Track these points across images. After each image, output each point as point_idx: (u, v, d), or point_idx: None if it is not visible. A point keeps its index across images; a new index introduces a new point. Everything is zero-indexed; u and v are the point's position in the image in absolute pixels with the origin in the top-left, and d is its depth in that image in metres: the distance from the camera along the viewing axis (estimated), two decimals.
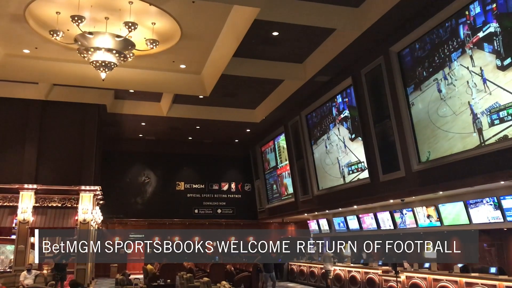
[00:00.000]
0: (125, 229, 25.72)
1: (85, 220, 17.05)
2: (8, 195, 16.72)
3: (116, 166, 25.50)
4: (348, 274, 15.71)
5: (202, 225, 27.05)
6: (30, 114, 17.54)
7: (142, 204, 26.21)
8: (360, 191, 16.17)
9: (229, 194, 28.14)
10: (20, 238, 16.19)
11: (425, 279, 11.91)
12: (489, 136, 10.60)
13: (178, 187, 27.12)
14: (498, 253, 12.88)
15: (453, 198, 13.22)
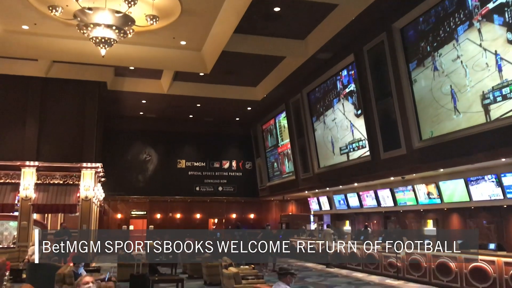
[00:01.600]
0: (127, 207, 25.91)
1: (87, 197, 17.14)
2: (10, 172, 16.78)
3: (117, 144, 25.53)
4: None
5: (203, 203, 27.22)
6: (31, 91, 17.48)
7: (144, 181, 26.33)
8: (361, 168, 16.20)
9: (230, 172, 28.23)
10: (23, 214, 16.32)
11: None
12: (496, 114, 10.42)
13: (179, 165, 27.19)
14: (497, 230, 12.97)
15: (453, 176, 13.27)
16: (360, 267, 15.02)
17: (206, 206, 27.33)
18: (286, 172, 23.68)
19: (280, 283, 5.93)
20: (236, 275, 8.47)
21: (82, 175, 17.26)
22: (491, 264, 9.95)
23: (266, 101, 22.43)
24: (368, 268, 14.53)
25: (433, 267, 11.60)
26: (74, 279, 7.50)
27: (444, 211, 14.75)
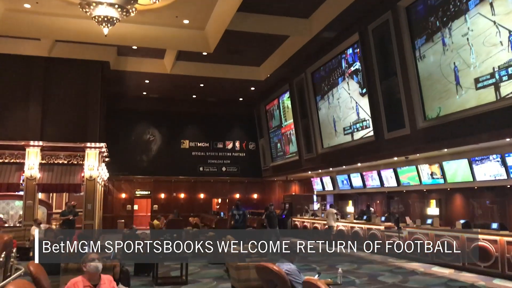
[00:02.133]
0: (131, 186, 26.06)
1: (91, 176, 17.24)
2: (14, 152, 16.87)
3: (121, 124, 25.55)
4: (351, 230, 15.95)
5: (207, 183, 27.35)
6: (34, 71, 17.43)
7: (148, 161, 26.43)
8: (365, 148, 16.19)
9: (234, 153, 28.27)
10: (28, 194, 16.45)
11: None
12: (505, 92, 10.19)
13: (183, 145, 27.24)
14: (500, 209, 13.01)
15: (457, 156, 13.25)
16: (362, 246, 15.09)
17: (210, 186, 27.47)
18: (290, 153, 23.69)
19: (284, 261, 6.00)
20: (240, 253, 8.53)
21: (86, 155, 17.33)
22: (493, 243, 10.00)
23: (270, 81, 22.32)
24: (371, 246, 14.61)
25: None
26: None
27: (447, 191, 14.78)
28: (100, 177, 18.32)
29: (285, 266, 5.81)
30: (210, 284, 9.16)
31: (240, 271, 8.17)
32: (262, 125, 27.16)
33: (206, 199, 27.49)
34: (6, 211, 17.96)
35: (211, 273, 10.59)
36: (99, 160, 17.86)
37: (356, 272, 10.67)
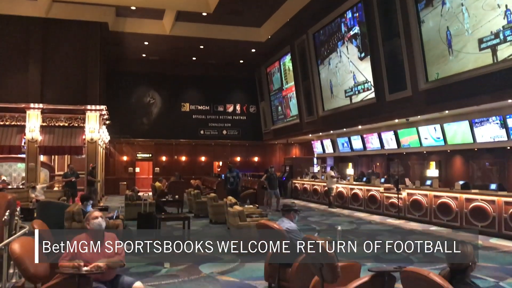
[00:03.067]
0: (133, 149, 26.17)
1: (93, 139, 17.28)
2: (15, 115, 16.85)
3: (121, 87, 25.41)
4: (351, 191, 16.12)
5: (208, 146, 27.43)
6: (32, 33, 17.17)
7: (148, 124, 26.43)
8: (366, 111, 16.15)
9: (234, 116, 28.23)
10: (30, 156, 16.54)
11: (426, 196, 12.21)
12: (503, 55, 10.31)
13: (183, 108, 27.17)
14: (499, 171, 13.10)
15: (458, 117, 13.23)
16: (362, 207, 15.32)
17: (211, 149, 27.56)
18: (290, 116, 23.65)
19: (284, 219, 6.09)
20: (241, 213, 8.65)
21: (86, 117, 17.32)
22: (491, 203, 10.12)
23: (271, 43, 22.01)
24: (370, 208, 14.82)
25: (434, 207, 11.82)
26: (83, 217, 7.70)
27: (447, 153, 14.83)
28: (101, 140, 18.37)
29: (286, 225, 5.90)
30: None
31: (242, 230, 8.31)
32: (263, 87, 27.00)
33: (207, 162, 27.65)
34: (9, 173, 18.14)
35: (212, 232, 10.78)
36: (100, 122, 17.86)
37: (355, 232, 10.85)
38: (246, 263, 7.40)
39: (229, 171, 14.79)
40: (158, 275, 6.59)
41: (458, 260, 2.97)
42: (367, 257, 7.63)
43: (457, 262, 2.96)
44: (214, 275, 6.61)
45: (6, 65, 16.94)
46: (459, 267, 2.97)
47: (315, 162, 24.05)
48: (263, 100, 27.27)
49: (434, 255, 8.01)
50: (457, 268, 2.97)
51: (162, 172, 25.48)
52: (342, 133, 19.86)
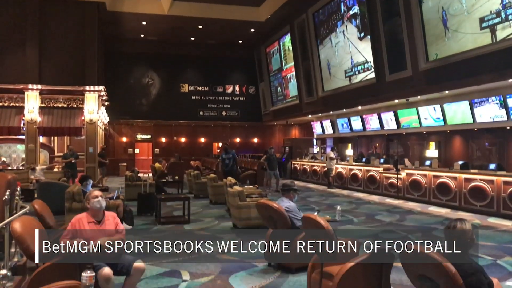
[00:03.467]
0: (132, 130, 26.14)
1: (92, 120, 17.25)
2: (13, 96, 16.79)
3: (119, 68, 25.25)
4: (350, 172, 16.16)
5: (207, 127, 27.40)
6: (28, 13, 16.97)
7: (147, 105, 26.35)
8: (366, 91, 16.09)
9: (234, 97, 28.12)
10: (29, 137, 16.53)
11: (425, 176, 12.24)
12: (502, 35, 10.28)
13: (182, 89, 27.05)
14: (499, 151, 13.12)
15: (458, 98, 13.20)
16: (361, 188, 15.38)
17: (210, 130, 27.54)
18: (290, 96, 23.57)
19: (284, 199, 6.12)
20: (241, 193, 8.68)
21: (85, 98, 17.26)
22: (490, 183, 10.15)
23: (270, 22, 21.81)
24: (369, 188, 14.88)
25: (433, 187, 11.86)
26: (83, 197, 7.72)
27: (447, 133, 14.84)
28: (100, 121, 18.34)
29: (285, 204, 5.93)
30: (212, 223, 9.38)
31: (241, 209, 8.36)
32: (262, 68, 26.84)
33: (207, 143, 27.65)
34: (8, 154, 18.15)
35: (212, 212, 10.83)
36: (99, 103, 17.81)
37: (354, 212, 10.91)
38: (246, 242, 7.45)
39: (225, 152, 14.62)
40: (158, 253, 6.62)
41: (456, 237, 2.98)
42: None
43: (455, 239, 2.98)
44: (214, 254, 6.64)
45: (3, 45, 16.79)
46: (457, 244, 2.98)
47: (314, 143, 24.08)
48: (262, 81, 27.14)
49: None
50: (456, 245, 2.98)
51: (162, 153, 25.51)
52: (341, 113, 19.82)
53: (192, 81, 27.24)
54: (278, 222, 5.75)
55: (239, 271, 5.73)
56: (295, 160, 21.75)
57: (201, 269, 5.81)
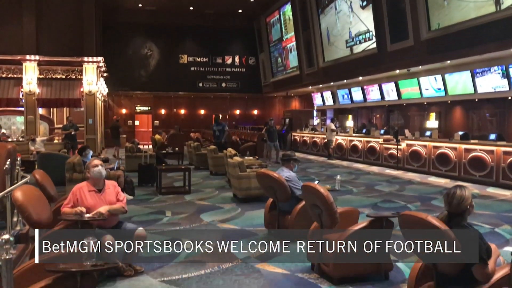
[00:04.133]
0: (131, 102, 26.03)
1: (91, 91, 17.14)
2: (11, 67, 16.63)
3: (117, 38, 24.97)
4: (350, 143, 16.16)
5: (207, 99, 27.29)
6: None
7: (146, 77, 26.17)
8: (367, 61, 15.95)
9: (233, 68, 27.90)
10: (28, 109, 16.46)
11: (425, 147, 12.25)
12: (507, 3, 10.09)
13: (182, 60, 26.81)
14: (499, 121, 13.09)
15: (460, 68, 13.08)
16: (361, 159, 15.42)
17: (210, 102, 27.43)
18: (290, 67, 23.38)
19: (284, 169, 6.13)
20: (241, 163, 8.69)
21: (84, 69, 17.11)
22: (490, 153, 10.16)
23: None
24: (369, 159, 14.92)
25: (433, 158, 11.88)
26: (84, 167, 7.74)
27: (447, 104, 14.77)
28: (99, 92, 18.23)
29: (285, 173, 5.94)
30: (212, 193, 9.44)
31: (241, 180, 8.39)
32: (262, 38, 26.53)
33: (207, 115, 27.57)
34: (8, 126, 18.12)
35: (213, 183, 10.88)
36: (98, 75, 17.67)
37: (354, 182, 10.96)
38: (246, 211, 7.52)
39: (215, 124, 14.26)
40: (160, 223, 6.70)
41: (456, 203, 2.99)
42: (366, 206, 7.77)
43: (455, 205, 2.99)
44: (215, 223, 6.72)
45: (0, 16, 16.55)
46: (457, 210, 2.99)
47: (314, 115, 24.02)
48: (262, 52, 26.87)
49: (431, 204, 8.15)
50: (455, 211, 2.99)
51: (162, 125, 25.50)
52: (342, 84, 19.70)
53: (191, 52, 26.97)
54: (278, 192, 5.77)
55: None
56: (295, 131, 21.74)
57: (202, 237, 5.86)
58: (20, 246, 4.92)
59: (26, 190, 4.39)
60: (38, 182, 5.51)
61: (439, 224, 2.88)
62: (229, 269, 4.61)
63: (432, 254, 2.98)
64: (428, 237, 2.97)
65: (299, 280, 4.30)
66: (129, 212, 6.33)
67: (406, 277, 4.21)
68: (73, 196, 4.34)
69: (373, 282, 4.19)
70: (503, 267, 2.94)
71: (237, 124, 26.22)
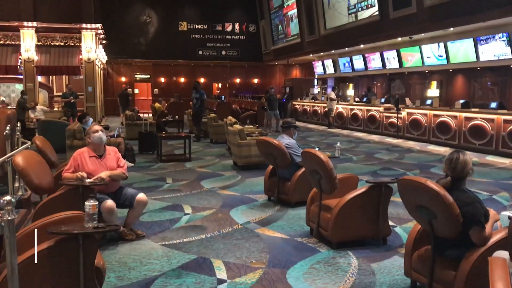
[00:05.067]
0: (131, 70, 25.82)
1: (90, 59, 16.96)
2: (9, 33, 16.39)
3: (115, 5, 24.53)
4: (350, 112, 16.12)
5: (206, 67, 27.04)
6: None
7: (146, 45, 25.85)
8: (369, 29, 15.74)
9: (233, 36, 27.53)
10: (27, 77, 16.32)
11: (425, 115, 12.22)
12: None
13: (181, 28, 26.43)
14: (501, 89, 13.02)
15: (462, 35, 12.92)
16: (361, 127, 15.41)
17: (210, 70, 27.19)
18: (291, 35, 23.08)
19: (284, 136, 6.13)
20: (241, 131, 8.69)
21: (82, 36, 16.88)
22: (490, 122, 10.15)
23: None
24: (369, 128, 14.91)
25: (433, 126, 11.88)
26: (84, 134, 7.74)
27: (449, 72, 14.65)
28: (98, 60, 18.06)
29: (285, 141, 5.95)
30: (213, 161, 9.47)
31: (242, 148, 8.41)
32: (262, 5, 26.10)
33: (207, 83, 27.35)
34: (7, 94, 18.03)
35: (213, 151, 10.92)
36: (96, 42, 17.45)
37: (353, 151, 10.98)
38: (246, 179, 7.57)
39: (194, 91, 13.04)
40: (160, 189, 6.75)
41: (460, 168, 2.99)
42: (365, 173, 7.81)
43: (459, 170, 2.99)
44: (215, 189, 6.77)
45: None
46: (461, 175, 3.00)
47: (315, 83, 23.86)
48: (263, 19, 26.47)
49: (430, 171, 8.19)
50: (459, 176, 3.00)
51: (161, 93, 25.33)
52: (343, 52, 19.49)
53: (190, 19, 26.56)
54: (278, 159, 5.79)
55: (240, 205, 5.85)
56: (296, 100, 21.65)
57: (202, 203, 5.92)
58: (22, 211, 4.98)
59: (27, 155, 4.41)
60: (38, 148, 5.53)
61: (438, 188, 2.90)
62: (229, 234, 4.67)
63: (430, 218, 3.01)
64: (426, 201, 2.99)
65: (298, 244, 4.36)
66: (130, 178, 6.39)
67: (403, 242, 4.27)
68: (74, 161, 4.35)
69: (371, 247, 4.26)
70: (500, 231, 2.98)
71: (237, 93, 26.07)
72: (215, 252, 4.13)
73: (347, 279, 3.53)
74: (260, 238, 4.53)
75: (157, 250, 4.17)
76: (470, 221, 2.86)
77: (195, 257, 4.00)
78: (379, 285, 3.42)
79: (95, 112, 16.96)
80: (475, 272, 2.83)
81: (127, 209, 4.51)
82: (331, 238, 4.24)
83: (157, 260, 3.91)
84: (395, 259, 3.96)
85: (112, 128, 12.38)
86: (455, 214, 2.85)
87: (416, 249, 3.32)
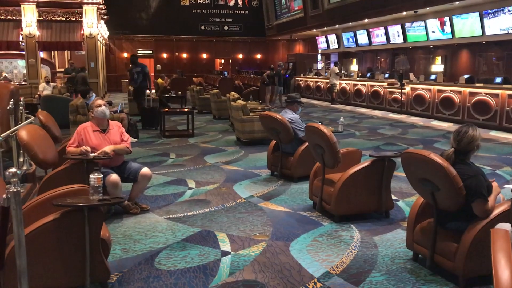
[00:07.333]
0: (133, 46, 25.62)
1: (91, 34, 16.80)
2: (9, 8, 16.20)
3: None
4: (354, 87, 16.03)
5: (209, 42, 26.81)
6: None
7: (147, 20, 25.58)
8: (373, 3, 15.50)
9: (236, 10, 27.20)
10: (29, 52, 16.20)
11: (429, 91, 12.14)
12: None
13: (183, 2, 26.10)
14: (506, 64, 12.88)
15: (468, 9, 12.72)
16: (364, 103, 15.34)
17: (212, 46, 26.97)
18: (294, 9, 22.78)
19: (287, 110, 6.11)
20: (244, 107, 8.66)
21: (84, 11, 16.67)
22: (495, 97, 10.09)
23: None
24: (372, 103, 14.84)
25: (437, 101, 11.81)
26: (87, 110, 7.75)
27: (454, 47, 14.48)
28: (100, 35, 17.89)
29: (289, 115, 5.93)
30: (216, 136, 9.48)
31: (245, 123, 8.40)
32: None
33: (209, 59, 27.21)
34: (9, 70, 17.97)
35: (216, 127, 10.92)
36: (98, 17, 17.25)
37: (357, 126, 10.96)
38: (249, 154, 7.59)
39: (134, 65, 11.21)
40: (164, 164, 6.78)
41: (466, 142, 2.97)
42: (368, 148, 7.81)
43: (464, 144, 2.97)
44: (219, 164, 6.80)
45: None
46: (465, 149, 2.99)
47: (319, 59, 23.66)
48: None
49: (433, 146, 8.19)
50: (462, 149, 2.98)
51: (164, 69, 25.20)
52: (347, 27, 19.26)
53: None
54: (281, 134, 5.79)
55: (243, 179, 5.87)
56: (299, 76, 21.51)
57: (206, 178, 5.95)
58: (27, 185, 5.02)
59: (31, 129, 4.42)
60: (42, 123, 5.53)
61: (441, 161, 2.90)
62: (233, 207, 4.70)
63: (433, 191, 3.02)
64: (430, 174, 3.00)
65: (301, 218, 4.39)
66: (134, 153, 6.41)
67: (406, 216, 4.30)
68: (77, 136, 4.36)
69: (374, 220, 4.29)
70: (503, 204, 2.99)
71: (240, 69, 25.91)
72: (219, 225, 4.17)
73: (349, 252, 3.57)
74: (264, 211, 4.57)
75: (161, 224, 4.21)
76: (473, 194, 2.87)
77: (199, 230, 4.04)
78: (381, 257, 3.46)
79: (98, 88, 16.89)
80: (477, 244, 2.85)
81: (132, 183, 4.54)
82: (334, 211, 4.27)
83: (162, 233, 3.96)
84: (397, 232, 4.00)
85: (114, 104, 12.36)
86: (458, 186, 2.85)
87: (418, 222, 3.34)
